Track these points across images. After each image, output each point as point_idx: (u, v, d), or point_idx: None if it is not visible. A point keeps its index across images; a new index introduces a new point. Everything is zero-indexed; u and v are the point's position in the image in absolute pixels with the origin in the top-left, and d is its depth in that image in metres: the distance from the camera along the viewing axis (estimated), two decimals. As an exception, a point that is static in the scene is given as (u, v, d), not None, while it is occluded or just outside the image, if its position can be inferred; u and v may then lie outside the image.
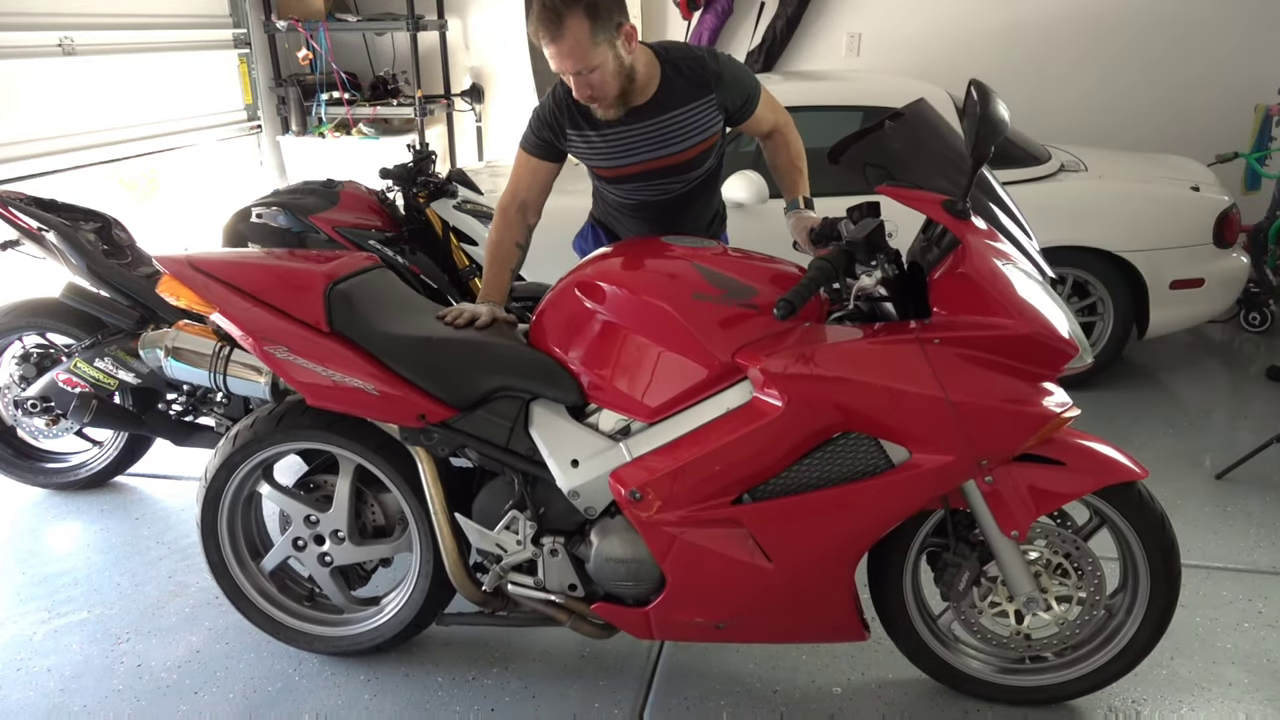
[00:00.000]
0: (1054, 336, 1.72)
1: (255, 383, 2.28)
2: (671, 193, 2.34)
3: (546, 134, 2.25)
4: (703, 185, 2.38)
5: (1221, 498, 3.03)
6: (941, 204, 1.75)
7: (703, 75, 2.18)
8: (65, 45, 4.44)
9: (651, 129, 2.19)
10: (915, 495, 1.80)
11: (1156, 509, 1.91)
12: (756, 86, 2.29)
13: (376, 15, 5.98)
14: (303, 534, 2.19)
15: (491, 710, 2.14)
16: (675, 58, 2.19)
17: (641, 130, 2.19)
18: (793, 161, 2.36)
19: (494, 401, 1.97)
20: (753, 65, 5.65)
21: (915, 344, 1.73)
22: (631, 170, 2.26)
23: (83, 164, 4.56)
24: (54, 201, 3.09)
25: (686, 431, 1.83)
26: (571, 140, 2.24)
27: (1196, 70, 5.33)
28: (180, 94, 5.25)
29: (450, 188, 3.48)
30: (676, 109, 2.18)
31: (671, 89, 2.17)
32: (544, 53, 2.00)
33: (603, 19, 1.95)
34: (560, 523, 2.01)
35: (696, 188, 2.37)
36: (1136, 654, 2.01)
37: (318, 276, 2.01)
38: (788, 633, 1.98)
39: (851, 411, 1.75)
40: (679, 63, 2.18)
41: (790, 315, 1.67)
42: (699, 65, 2.19)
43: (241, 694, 2.21)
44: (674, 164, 2.26)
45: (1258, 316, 4.61)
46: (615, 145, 2.21)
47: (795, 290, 1.69)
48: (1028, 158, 3.86)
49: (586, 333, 1.92)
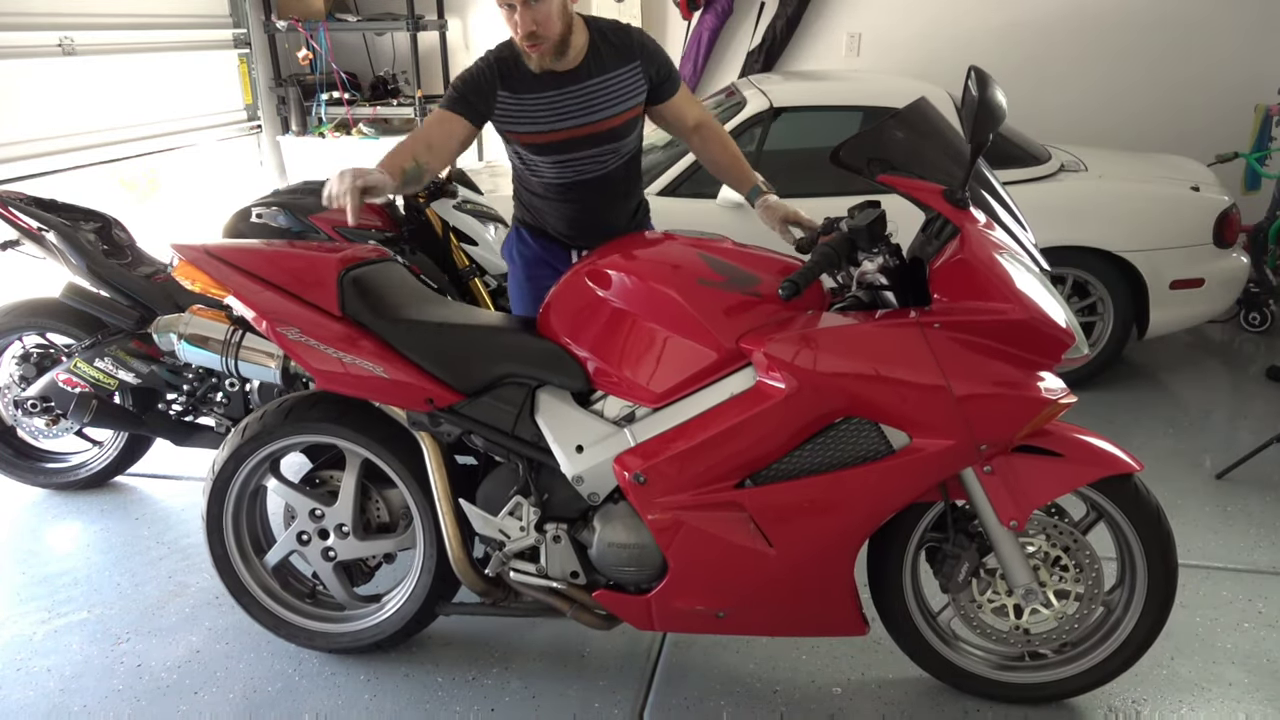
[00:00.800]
0: (1051, 324, 1.74)
1: (266, 367, 2.32)
2: (598, 170, 2.33)
3: (473, 96, 2.21)
4: (627, 165, 2.40)
5: (1221, 498, 3.03)
6: (941, 193, 1.79)
7: (628, 43, 2.26)
8: (65, 45, 4.44)
9: (581, 94, 2.22)
10: (915, 480, 1.82)
11: (1152, 502, 1.94)
12: (675, 67, 2.37)
13: (376, 15, 5.99)
14: (307, 528, 2.20)
15: (491, 710, 2.14)
16: (602, 26, 2.27)
17: (571, 95, 2.22)
18: (730, 151, 2.38)
19: (500, 388, 1.99)
20: (753, 65, 5.66)
21: (915, 328, 1.76)
22: (561, 136, 2.26)
23: (83, 164, 4.56)
24: (54, 201, 3.10)
25: (691, 417, 1.86)
26: (503, 101, 2.23)
27: (1196, 70, 5.33)
28: (180, 94, 5.25)
29: (450, 188, 3.48)
30: (605, 74, 2.23)
31: (599, 55, 2.23)
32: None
33: None
34: (564, 509, 2.03)
35: (621, 167, 2.38)
36: (1135, 649, 2.02)
37: (330, 263, 2.05)
38: (787, 624, 1.99)
39: (853, 396, 1.78)
40: (605, 31, 2.26)
41: (795, 295, 1.70)
42: (624, 34, 2.28)
43: (241, 694, 2.21)
44: (602, 130, 2.27)
45: (1258, 316, 4.61)
46: (546, 109, 2.23)
47: (800, 272, 1.73)
48: (1027, 157, 3.86)
49: (593, 320, 1.95)
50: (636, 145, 2.42)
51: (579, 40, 2.20)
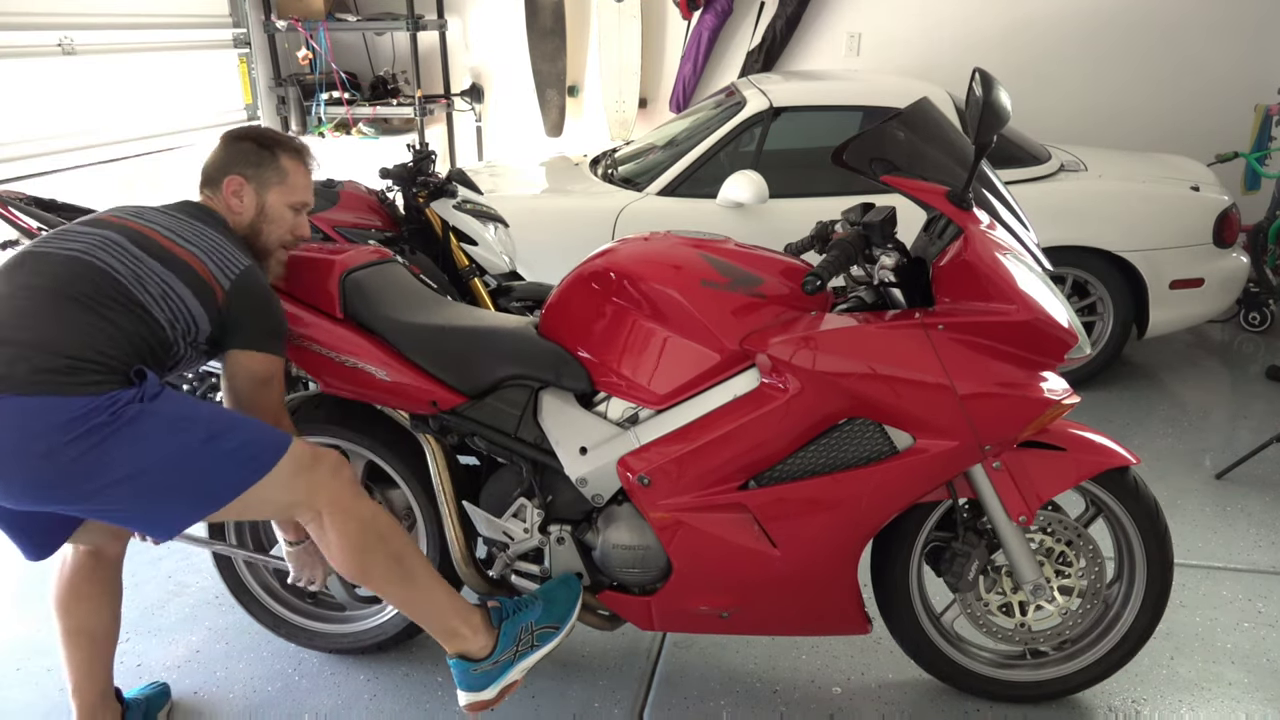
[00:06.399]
0: (1054, 324, 1.75)
1: None
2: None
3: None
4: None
5: (1221, 497, 3.03)
6: (945, 194, 1.79)
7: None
8: (65, 45, 4.44)
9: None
10: (919, 481, 1.83)
11: (1150, 494, 1.97)
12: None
13: (376, 15, 5.99)
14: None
15: (492, 710, 2.14)
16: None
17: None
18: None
19: (504, 389, 1.99)
20: (753, 65, 5.66)
21: (919, 329, 1.77)
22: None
23: (83, 164, 4.56)
24: (54, 201, 3.09)
25: (694, 418, 1.86)
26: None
27: (1197, 70, 5.33)
28: (180, 94, 5.24)
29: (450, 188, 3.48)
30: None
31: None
32: (307, 191, 1.95)
33: None
34: (567, 511, 2.03)
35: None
36: (1134, 643, 2.04)
37: (332, 265, 2.05)
38: (791, 624, 1.99)
39: (857, 397, 1.78)
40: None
41: (819, 289, 1.71)
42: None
43: (241, 694, 2.21)
44: None
45: (1258, 316, 4.61)
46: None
47: (821, 265, 1.73)
48: (1027, 157, 3.86)
49: (596, 321, 1.95)
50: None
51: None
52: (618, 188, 3.95)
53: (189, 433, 1.60)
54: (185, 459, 1.59)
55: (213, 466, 1.62)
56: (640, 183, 3.90)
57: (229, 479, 1.63)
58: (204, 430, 1.61)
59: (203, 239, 1.78)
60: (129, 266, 1.66)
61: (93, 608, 1.91)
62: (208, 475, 1.61)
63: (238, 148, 1.91)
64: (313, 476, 1.72)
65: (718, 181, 3.67)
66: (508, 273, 3.44)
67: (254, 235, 1.91)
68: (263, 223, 1.91)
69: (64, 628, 1.91)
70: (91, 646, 1.92)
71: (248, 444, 1.66)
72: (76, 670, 1.92)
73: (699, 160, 3.79)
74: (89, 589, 1.90)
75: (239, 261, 1.79)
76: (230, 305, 1.76)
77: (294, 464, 1.70)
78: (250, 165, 1.89)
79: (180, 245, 1.74)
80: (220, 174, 1.88)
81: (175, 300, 1.69)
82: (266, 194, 1.90)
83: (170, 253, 1.72)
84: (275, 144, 1.92)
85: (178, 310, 1.70)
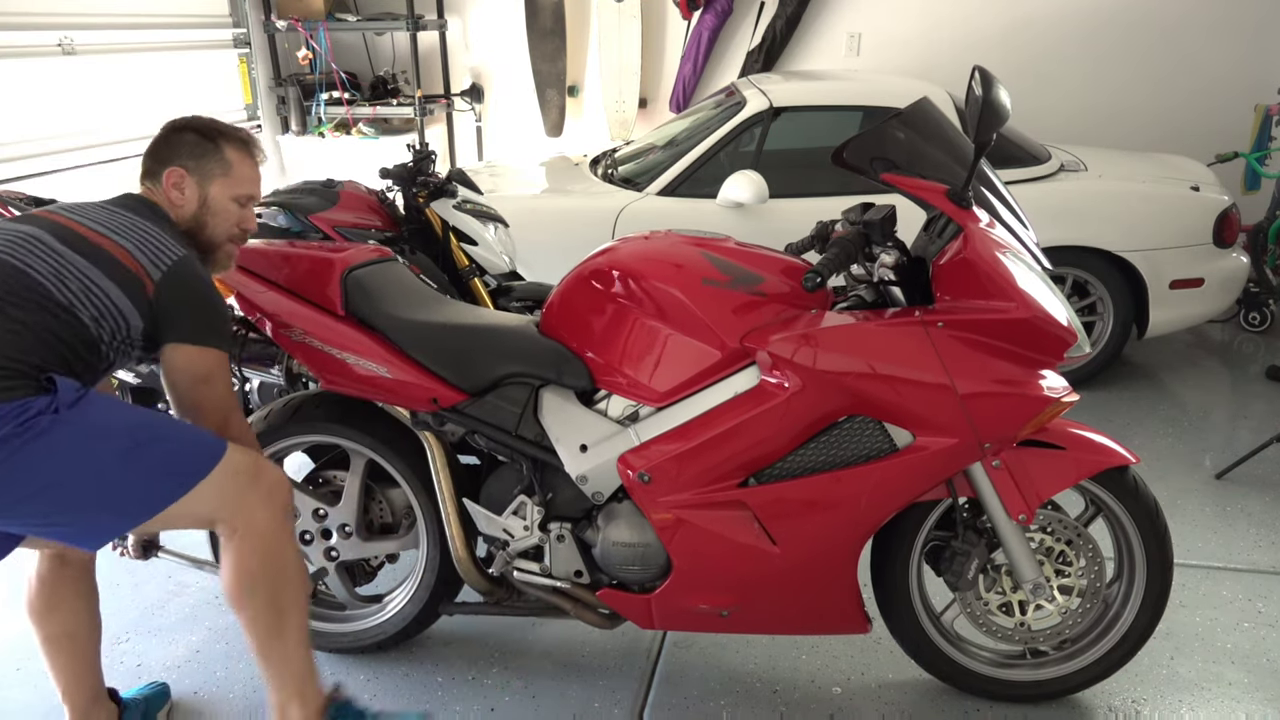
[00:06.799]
0: (1054, 323, 1.76)
1: (269, 368, 2.31)
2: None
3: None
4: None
5: (1221, 498, 3.03)
6: (945, 192, 1.80)
7: None
8: (65, 45, 4.44)
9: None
10: (919, 478, 1.83)
11: (1149, 494, 1.97)
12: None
13: (376, 15, 5.98)
14: (310, 528, 2.20)
15: (491, 710, 2.14)
16: None
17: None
18: None
19: (504, 387, 2.00)
20: (753, 65, 5.66)
21: (919, 327, 1.77)
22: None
23: (83, 164, 4.56)
24: (54, 201, 3.09)
25: (694, 416, 1.87)
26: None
27: (1197, 70, 5.33)
28: (180, 94, 5.25)
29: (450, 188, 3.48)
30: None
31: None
32: (253, 183, 1.87)
33: None
34: (568, 508, 2.04)
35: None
36: (1134, 643, 2.04)
37: (334, 263, 2.05)
38: (791, 622, 2.00)
39: (856, 394, 1.79)
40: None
41: (819, 287, 1.71)
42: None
43: (241, 694, 2.21)
44: None
45: (1258, 316, 4.61)
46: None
47: (822, 262, 1.74)
48: (1027, 157, 3.86)
49: (597, 319, 1.95)
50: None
51: None
52: (618, 188, 3.95)
53: (109, 442, 1.52)
54: (104, 471, 1.52)
55: (135, 478, 1.55)
56: (640, 183, 3.90)
57: (154, 490, 1.57)
58: (126, 439, 1.54)
59: (135, 231, 1.70)
60: (48, 263, 1.59)
61: (68, 611, 1.87)
62: (131, 487, 1.55)
63: (179, 138, 1.82)
64: (244, 493, 1.65)
65: (718, 181, 3.67)
66: (508, 273, 3.45)
67: (198, 229, 1.83)
68: (206, 215, 1.82)
69: (42, 635, 1.88)
70: (74, 649, 1.89)
71: (174, 454, 1.59)
72: (63, 675, 1.90)
73: (699, 160, 3.79)
74: (61, 594, 1.87)
75: (172, 252, 1.70)
76: (162, 297, 1.67)
77: (226, 476, 1.62)
78: (192, 157, 1.80)
79: (107, 237, 1.66)
80: (160, 166, 1.80)
81: (99, 296, 1.61)
82: (209, 186, 1.81)
83: (96, 246, 1.64)
84: (219, 135, 1.83)
85: (102, 306, 1.61)
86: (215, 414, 1.73)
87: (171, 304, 1.68)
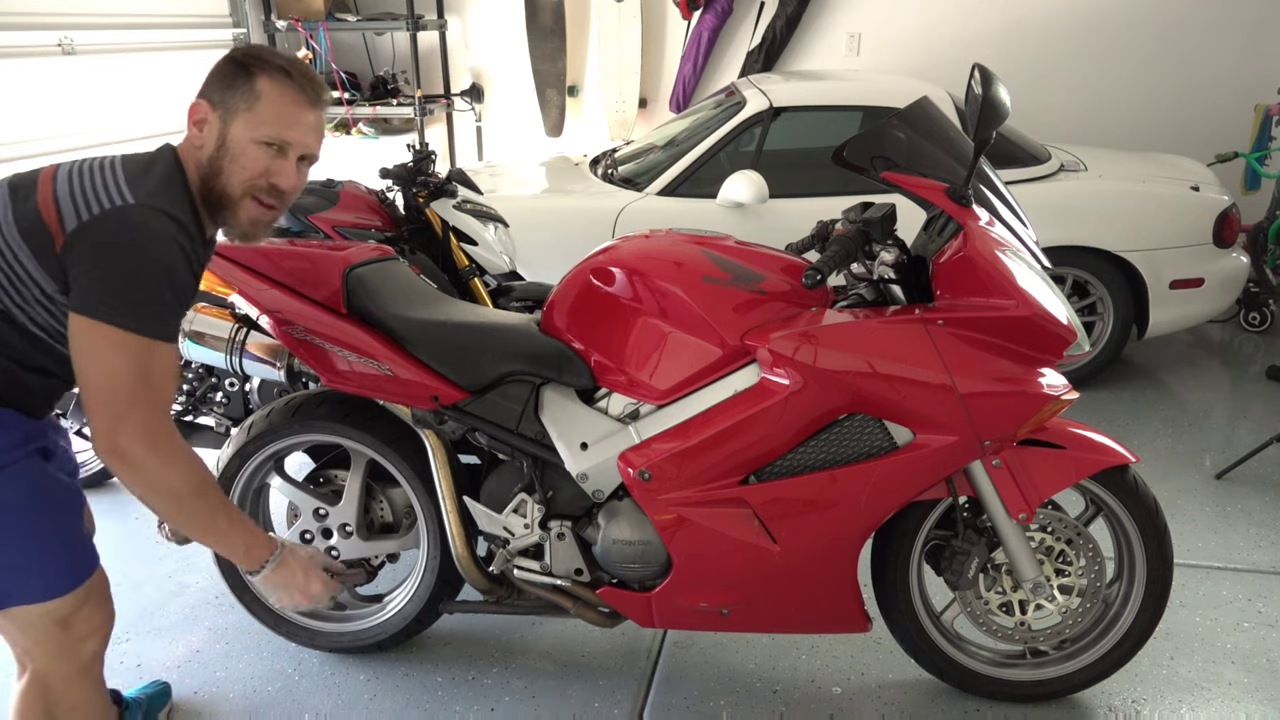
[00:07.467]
0: (1053, 321, 1.76)
1: (270, 365, 2.31)
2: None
3: (190, 291, 1.54)
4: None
5: (1221, 498, 3.03)
6: (944, 191, 1.80)
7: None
8: (65, 45, 4.44)
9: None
10: (919, 476, 1.83)
11: (1149, 493, 1.97)
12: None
13: (376, 15, 5.99)
14: (311, 527, 2.20)
15: (491, 710, 2.14)
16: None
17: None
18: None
19: (505, 385, 2.00)
20: (753, 65, 5.66)
21: (919, 324, 1.78)
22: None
23: (82, 164, 4.56)
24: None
25: (695, 413, 1.87)
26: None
27: (1196, 70, 5.33)
28: (180, 94, 5.24)
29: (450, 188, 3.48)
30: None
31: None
32: (284, 123, 1.52)
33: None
34: (568, 507, 2.04)
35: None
36: (1134, 643, 2.04)
37: (335, 260, 2.05)
38: (791, 621, 2.00)
39: (856, 392, 1.79)
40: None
41: (819, 284, 1.71)
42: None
43: (241, 694, 2.21)
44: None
45: (1258, 316, 4.61)
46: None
47: (822, 260, 1.74)
48: (1027, 157, 3.86)
49: (598, 317, 1.95)
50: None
51: None
52: (618, 188, 3.95)
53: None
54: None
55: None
56: (640, 183, 3.90)
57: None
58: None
59: (82, 176, 1.42)
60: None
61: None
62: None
63: (216, 68, 1.51)
64: (67, 643, 1.51)
65: (718, 181, 3.67)
66: (508, 272, 3.45)
67: (213, 175, 1.50)
68: (223, 159, 1.49)
69: None
70: None
71: (25, 570, 1.46)
72: None
73: (699, 160, 3.79)
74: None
75: (109, 200, 1.38)
76: (70, 252, 1.36)
77: (62, 614, 1.48)
78: (219, 88, 1.49)
79: (47, 183, 1.42)
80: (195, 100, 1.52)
81: (6, 255, 1.37)
82: (231, 124, 1.48)
83: (30, 195, 1.41)
84: (256, 61, 1.49)
85: (9, 267, 1.38)
86: (102, 410, 1.38)
87: (73, 263, 1.37)
